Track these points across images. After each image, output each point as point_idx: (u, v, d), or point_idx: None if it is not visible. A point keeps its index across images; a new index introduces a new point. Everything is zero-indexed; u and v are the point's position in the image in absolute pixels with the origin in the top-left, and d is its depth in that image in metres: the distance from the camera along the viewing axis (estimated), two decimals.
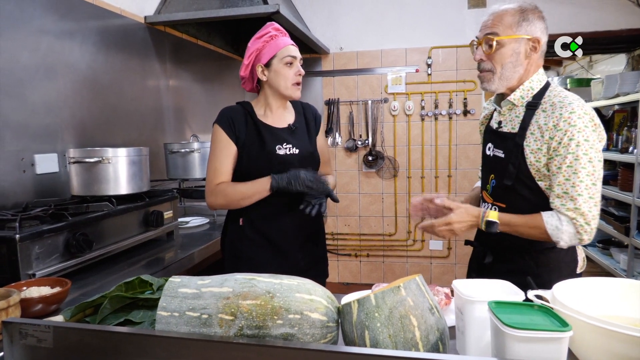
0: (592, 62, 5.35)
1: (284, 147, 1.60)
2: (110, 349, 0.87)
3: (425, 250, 3.98)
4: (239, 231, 1.62)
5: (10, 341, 0.90)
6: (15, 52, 1.73)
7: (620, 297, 0.94)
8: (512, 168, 1.31)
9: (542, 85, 1.33)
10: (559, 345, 0.72)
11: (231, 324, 0.83)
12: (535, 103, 1.30)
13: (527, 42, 1.30)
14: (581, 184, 1.21)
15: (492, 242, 1.42)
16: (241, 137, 1.59)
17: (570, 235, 1.23)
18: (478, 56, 1.35)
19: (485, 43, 1.32)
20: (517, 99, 1.34)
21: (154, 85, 2.65)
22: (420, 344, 0.79)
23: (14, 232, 1.22)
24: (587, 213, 1.21)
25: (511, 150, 1.32)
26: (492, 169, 1.41)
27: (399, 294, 0.81)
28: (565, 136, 1.21)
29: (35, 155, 1.79)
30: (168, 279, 0.92)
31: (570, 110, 1.22)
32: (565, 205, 1.23)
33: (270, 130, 1.61)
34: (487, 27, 1.32)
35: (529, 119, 1.29)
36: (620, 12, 3.41)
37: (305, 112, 1.74)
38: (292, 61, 1.58)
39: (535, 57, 1.32)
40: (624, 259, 3.52)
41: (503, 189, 1.35)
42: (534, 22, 1.29)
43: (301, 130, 1.69)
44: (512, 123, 1.36)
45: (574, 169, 1.21)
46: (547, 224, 1.24)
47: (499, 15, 1.30)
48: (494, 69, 1.32)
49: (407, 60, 3.80)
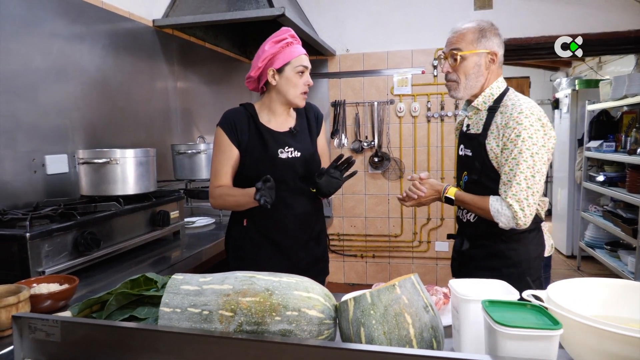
0: (601, 63, 5.31)
1: (286, 151, 1.63)
2: (115, 343, 0.90)
3: (431, 252, 3.98)
4: (243, 232, 1.65)
5: (19, 335, 0.93)
6: (28, 56, 1.78)
7: (616, 298, 0.94)
8: (477, 164, 1.50)
9: (502, 90, 1.52)
10: (549, 343, 0.74)
11: (231, 320, 0.86)
12: (495, 107, 1.49)
13: (487, 56, 1.49)
14: (521, 174, 1.39)
15: (468, 231, 1.60)
16: (243, 140, 1.62)
17: (508, 218, 1.42)
18: (445, 68, 1.54)
19: (450, 57, 1.51)
20: (480, 104, 1.53)
21: (161, 88, 2.70)
22: (414, 341, 0.81)
23: (24, 230, 1.26)
24: (522, 200, 1.39)
25: (476, 148, 1.51)
26: (464, 167, 1.59)
27: (394, 292, 0.83)
28: (513, 133, 1.39)
29: (46, 156, 1.84)
30: (171, 277, 0.95)
31: (519, 111, 1.40)
32: (506, 192, 1.41)
33: (272, 134, 1.64)
34: (451, 44, 1.52)
35: (490, 121, 1.48)
36: (628, 13, 3.39)
37: (307, 114, 1.76)
38: (304, 70, 1.61)
39: (494, 68, 1.52)
40: (632, 261, 3.50)
41: (472, 184, 1.53)
42: (491, 38, 1.49)
43: (302, 133, 1.71)
44: (477, 125, 1.54)
45: (517, 161, 1.39)
46: (491, 206, 1.44)
47: (461, 34, 1.50)
48: (458, 80, 1.51)
49: (413, 62, 3.81)
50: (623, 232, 3.52)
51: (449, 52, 1.52)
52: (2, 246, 1.24)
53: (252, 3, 2.60)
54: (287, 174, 1.61)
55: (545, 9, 3.53)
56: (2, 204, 1.63)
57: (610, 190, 3.83)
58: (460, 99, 1.57)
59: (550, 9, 3.52)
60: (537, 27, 3.53)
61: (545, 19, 3.51)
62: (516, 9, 3.56)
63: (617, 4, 3.41)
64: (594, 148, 4.17)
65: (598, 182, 4.08)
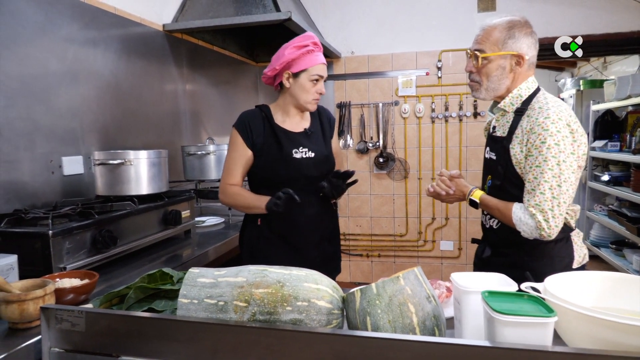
0: (606, 63, 5.33)
1: (300, 151, 1.67)
2: (136, 332, 0.96)
3: (436, 251, 4.02)
4: (257, 231, 1.70)
5: (47, 325, 0.99)
6: (45, 60, 1.85)
7: (611, 290, 0.99)
8: (501, 169, 1.42)
9: (531, 92, 1.42)
10: (544, 330, 0.78)
11: (245, 310, 0.91)
12: (522, 109, 1.40)
13: (512, 58, 1.40)
14: (546, 183, 1.29)
15: (491, 238, 1.53)
16: (258, 142, 1.67)
17: (531, 228, 1.32)
18: (468, 67, 1.47)
19: (474, 57, 1.44)
20: (507, 105, 1.45)
21: (171, 90, 2.77)
22: (417, 329, 0.86)
23: (47, 228, 1.32)
24: (547, 211, 1.29)
25: (500, 152, 1.43)
26: (488, 170, 1.53)
27: (398, 283, 0.89)
28: (538, 139, 1.30)
29: (63, 157, 1.91)
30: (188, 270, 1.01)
31: (546, 115, 1.31)
32: (529, 201, 1.33)
33: (287, 135, 1.68)
34: (476, 42, 1.44)
35: (516, 124, 1.40)
36: (631, 14, 3.42)
37: (321, 116, 1.80)
38: (319, 79, 1.65)
39: (521, 70, 1.42)
40: (637, 259, 3.52)
41: (496, 188, 1.46)
42: (520, 39, 1.38)
43: (316, 134, 1.75)
44: (503, 128, 1.46)
45: (542, 169, 1.30)
46: (513, 214, 1.36)
47: (487, 32, 1.41)
48: (480, 81, 1.44)
49: (417, 64, 3.86)
50: (628, 231, 3.54)
51: (472, 51, 1.44)
52: (26, 243, 1.31)
53: (259, 7, 2.67)
54: (300, 173, 1.66)
55: (548, 11, 3.56)
56: (22, 204, 1.70)
57: (615, 189, 3.85)
58: (483, 100, 1.51)
59: (553, 11, 3.55)
60: (541, 28, 3.56)
61: (549, 21, 3.54)
62: (519, 10, 3.60)
63: (619, 5, 3.43)
64: (599, 148, 4.19)
65: (603, 181, 4.10)
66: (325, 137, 1.78)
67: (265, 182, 1.67)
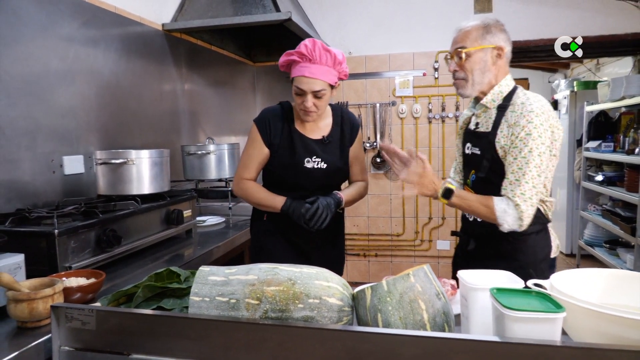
0: (599, 64, 5.39)
1: (313, 161, 1.63)
2: (146, 330, 0.97)
3: (432, 250, 4.05)
4: (263, 226, 1.73)
5: (57, 324, 0.99)
6: (46, 59, 1.84)
7: (614, 287, 1.01)
8: (486, 162, 1.48)
9: (510, 88, 1.50)
10: (553, 326, 0.80)
11: (257, 308, 0.92)
12: (505, 105, 1.48)
13: (492, 51, 1.47)
14: (529, 173, 1.37)
15: (475, 231, 1.58)
16: (275, 142, 1.64)
17: (514, 218, 1.38)
18: (452, 67, 1.52)
19: (456, 56, 1.50)
20: (488, 101, 1.51)
21: (170, 90, 2.76)
22: (428, 325, 0.87)
23: (52, 227, 1.32)
24: (528, 199, 1.37)
25: (485, 147, 1.49)
26: (472, 165, 1.58)
27: (409, 280, 0.90)
28: (523, 131, 1.38)
29: (64, 157, 1.90)
30: (199, 269, 1.02)
31: (530, 109, 1.39)
32: (514, 191, 1.39)
33: (303, 141, 1.65)
34: (456, 43, 1.51)
35: (500, 119, 1.46)
36: (625, 16, 3.47)
37: (343, 123, 1.72)
38: (300, 93, 1.55)
39: (501, 64, 1.49)
40: (631, 258, 3.57)
41: (481, 182, 1.52)
42: (496, 34, 1.47)
43: (334, 143, 1.69)
44: (486, 124, 1.52)
45: (527, 160, 1.37)
46: (496, 206, 1.40)
47: (466, 31, 1.49)
48: (466, 77, 1.49)
49: (414, 64, 3.89)
50: (622, 230, 3.59)
51: (454, 51, 1.50)
52: (31, 242, 1.30)
53: (258, 8, 2.67)
54: (309, 183, 1.64)
55: (544, 12, 3.60)
56: (24, 203, 1.69)
57: (608, 189, 3.90)
58: (469, 97, 1.55)
59: (549, 12, 3.60)
60: (537, 30, 3.61)
61: (545, 22, 3.58)
62: (515, 12, 3.64)
63: (614, 7, 3.48)
64: (593, 148, 4.25)
65: (597, 181, 4.15)
66: (343, 147, 1.71)
67: (277, 180, 1.67)
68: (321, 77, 1.51)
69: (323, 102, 1.57)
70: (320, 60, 1.51)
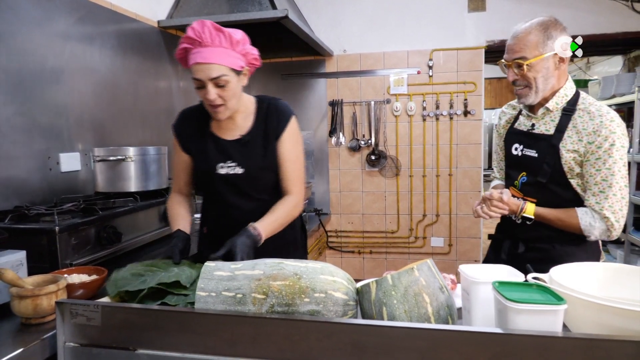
0: (589, 63, 5.46)
1: (227, 166, 1.41)
2: (152, 325, 0.97)
3: (426, 247, 4.08)
4: (203, 238, 1.60)
5: (62, 320, 1.00)
6: (42, 56, 1.83)
7: (611, 280, 1.04)
8: (547, 167, 1.42)
9: (574, 91, 1.45)
10: (555, 317, 0.82)
11: (263, 302, 0.93)
12: (572, 109, 1.42)
13: (555, 56, 1.40)
14: (616, 184, 1.34)
15: (525, 234, 1.51)
16: (191, 146, 1.46)
17: (601, 231, 1.37)
18: (512, 77, 1.44)
19: (515, 67, 1.42)
20: (553, 105, 1.45)
21: (165, 87, 2.75)
22: (432, 318, 0.89)
23: (53, 224, 1.32)
24: (618, 211, 1.35)
25: (545, 150, 1.43)
26: (522, 167, 1.51)
27: (413, 274, 0.92)
28: (607, 142, 1.33)
29: (60, 154, 1.89)
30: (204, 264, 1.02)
31: (611, 119, 1.34)
32: (600, 204, 1.35)
33: (216, 143, 1.43)
34: (514, 52, 1.41)
35: (566, 123, 1.41)
36: (616, 15, 3.52)
37: (269, 116, 1.45)
38: (199, 85, 1.32)
39: (564, 67, 1.43)
40: (621, 254, 3.63)
41: (534, 186, 1.46)
42: (557, 36, 1.40)
43: (255, 142, 1.43)
44: (546, 126, 1.46)
45: (612, 171, 1.34)
46: (581, 220, 1.38)
47: (523, 38, 1.40)
48: (530, 85, 1.42)
49: (409, 62, 3.90)
50: None
51: (512, 61, 1.42)
52: (32, 239, 1.30)
53: (254, 5, 2.67)
54: (225, 191, 1.43)
55: (537, 12, 3.60)
56: (21, 200, 1.68)
57: None
58: (532, 104, 1.48)
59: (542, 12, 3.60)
60: None
61: None
62: (509, 11, 3.67)
63: (605, 7, 3.53)
64: None
65: None
66: (267, 144, 1.43)
67: (201, 189, 1.52)
68: (217, 61, 1.28)
69: (229, 91, 1.33)
70: (213, 42, 1.28)
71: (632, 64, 4.10)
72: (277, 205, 1.42)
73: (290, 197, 1.45)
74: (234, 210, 1.45)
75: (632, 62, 4.10)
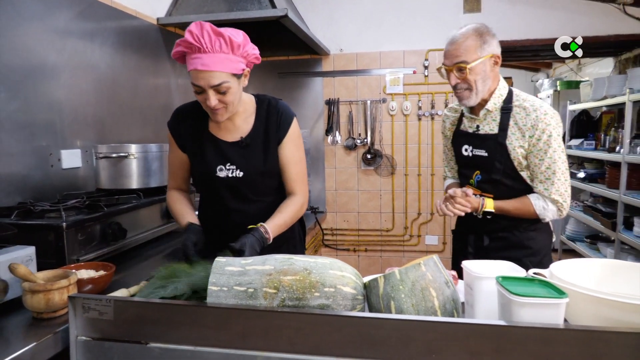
0: (580, 64, 5.55)
1: (226, 169, 1.38)
2: (164, 319, 0.99)
3: (421, 245, 4.13)
4: None
5: (74, 314, 1.01)
6: (43, 52, 1.83)
7: (609, 275, 1.07)
8: (499, 165, 1.55)
9: (507, 90, 1.59)
10: (557, 311, 0.86)
11: (274, 296, 0.95)
12: (508, 107, 1.55)
13: (490, 59, 1.53)
14: (559, 170, 1.52)
15: (487, 227, 1.63)
16: (188, 146, 1.43)
17: (554, 212, 1.55)
18: (454, 81, 1.53)
19: (457, 70, 1.51)
20: (492, 106, 1.58)
21: (165, 84, 2.76)
22: (439, 312, 0.92)
23: (60, 220, 1.33)
24: (564, 193, 1.53)
25: (494, 149, 1.56)
26: (475, 166, 1.63)
27: (420, 269, 0.94)
28: (544, 134, 1.49)
29: (62, 150, 1.89)
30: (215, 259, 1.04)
31: (544, 112, 1.50)
32: (548, 190, 1.53)
33: (215, 145, 1.40)
34: (455, 57, 1.51)
35: (507, 121, 1.55)
36: (608, 18, 3.58)
37: (269, 117, 1.42)
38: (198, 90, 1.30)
39: (497, 69, 1.57)
40: (611, 252, 3.70)
41: (489, 182, 1.59)
42: (490, 41, 1.52)
43: (255, 145, 1.40)
44: (490, 126, 1.59)
45: (554, 159, 1.51)
46: (535, 206, 1.54)
47: (462, 44, 1.50)
48: (471, 87, 1.53)
49: (405, 62, 3.94)
50: (602, 225, 3.72)
51: (453, 65, 1.51)
52: (39, 235, 1.31)
53: (254, 3, 2.68)
54: (225, 194, 1.41)
55: (530, 13, 3.70)
56: (23, 197, 1.68)
57: (590, 186, 4.03)
58: (473, 105, 1.58)
59: (535, 13, 3.69)
60: (523, 31, 3.70)
61: (530, 23, 3.68)
62: (503, 12, 3.72)
63: (598, 9, 3.60)
64: (575, 146, 4.38)
65: (579, 178, 4.29)
66: (268, 147, 1.40)
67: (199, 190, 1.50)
68: (218, 68, 1.24)
69: (230, 96, 1.30)
70: (213, 47, 1.23)
71: (623, 66, 4.18)
72: (285, 206, 1.41)
73: (296, 197, 1.44)
74: (233, 212, 1.44)
75: (623, 64, 4.18)
